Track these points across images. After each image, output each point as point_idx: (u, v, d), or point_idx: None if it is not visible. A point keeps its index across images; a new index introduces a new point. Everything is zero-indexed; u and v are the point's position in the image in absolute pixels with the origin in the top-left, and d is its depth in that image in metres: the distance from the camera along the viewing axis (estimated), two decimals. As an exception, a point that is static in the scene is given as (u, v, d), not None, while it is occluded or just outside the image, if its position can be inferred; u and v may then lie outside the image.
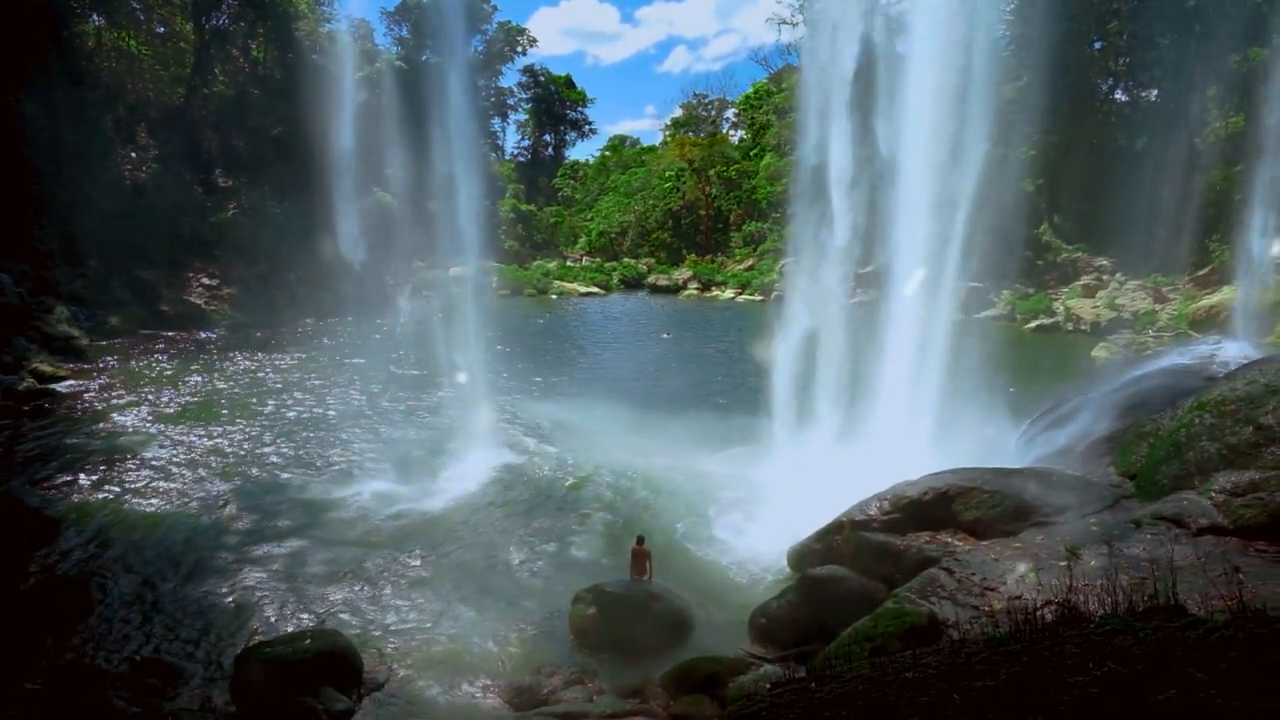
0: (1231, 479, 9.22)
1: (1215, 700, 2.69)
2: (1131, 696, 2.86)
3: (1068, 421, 14.90)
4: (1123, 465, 11.69)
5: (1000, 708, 3.04)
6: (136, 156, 42.61)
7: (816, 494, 13.62)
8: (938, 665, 3.76)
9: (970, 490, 11.23)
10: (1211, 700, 2.70)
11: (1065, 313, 40.08)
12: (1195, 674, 2.89)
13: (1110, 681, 3.02)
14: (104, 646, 9.90)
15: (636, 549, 11.84)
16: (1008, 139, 36.61)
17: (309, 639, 9.26)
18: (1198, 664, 2.98)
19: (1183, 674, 2.91)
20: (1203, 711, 2.66)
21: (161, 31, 46.59)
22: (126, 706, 7.80)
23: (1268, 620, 3.40)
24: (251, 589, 11.72)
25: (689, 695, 8.77)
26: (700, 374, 30.14)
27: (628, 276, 67.85)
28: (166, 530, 13.70)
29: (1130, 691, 2.90)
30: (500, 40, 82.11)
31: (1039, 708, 2.95)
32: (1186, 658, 3.07)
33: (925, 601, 8.88)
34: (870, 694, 3.55)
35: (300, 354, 31.63)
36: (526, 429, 21.37)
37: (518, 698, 9.21)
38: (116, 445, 18.28)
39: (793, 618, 10.10)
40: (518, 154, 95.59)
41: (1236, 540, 8.65)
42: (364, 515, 15.00)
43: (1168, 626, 3.57)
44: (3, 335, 25.40)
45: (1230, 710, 2.61)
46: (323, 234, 44.27)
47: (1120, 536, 9.27)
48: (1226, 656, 3.02)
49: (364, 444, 19.62)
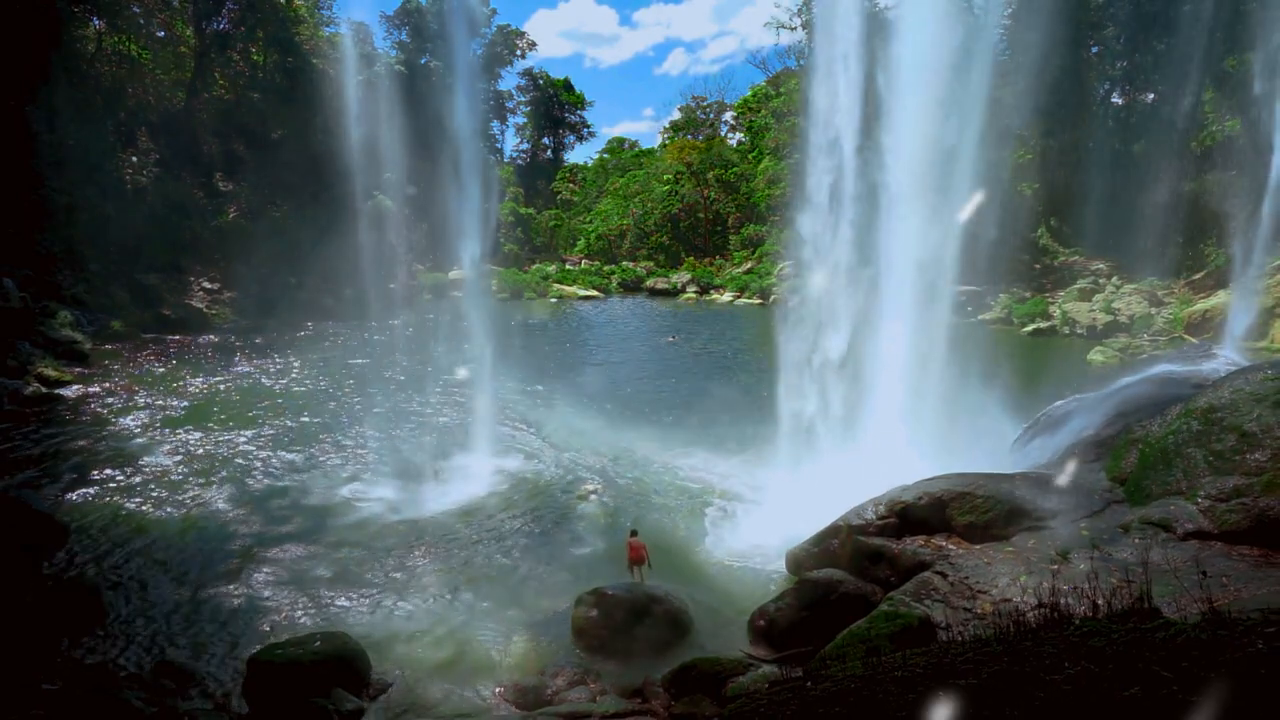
0: (1217, 485, 9.47)
1: (1176, 696, 2.94)
2: (1101, 693, 3.11)
3: (1061, 426, 15.13)
4: (1113, 471, 11.93)
5: (981, 704, 3.28)
6: (137, 160, 42.82)
7: (814, 498, 13.88)
8: (925, 665, 4.00)
9: (964, 495, 11.46)
10: (1173, 696, 2.94)
11: (1062, 316, 40.33)
12: (1160, 672, 3.14)
13: (1083, 679, 3.27)
14: (118, 648, 10.11)
15: (631, 541, 12.48)
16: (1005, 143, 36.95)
17: (319, 641, 9.47)
18: (1163, 663, 3.23)
19: (1149, 672, 3.16)
20: (1165, 706, 2.90)
21: (162, 36, 46.75)
22: (144, 707, 8.01)
23: (1232, 622, 3.65)
24: (260, 592, 11.94)
25: (689, 695, 8.98)
26: (701, 376, 30.37)
27: (626, 280, 68.06)
28: (175, 534, 13.91)
29: (1100, 688, 3.15)
30: (499, 43, 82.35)
31: (1017, 703, 3.19)
32: (1153, 657, 3.32)
33: (919, 604, 9.11)
34: (862, 692, 3.79)
35: (301, 357, 31.82)
36: (529, 432, 21.60)
37: (522, 698, 9.42)
38: (123, 449, 18.50)
39: (790, 620, 10.31)
40: (516, 157, 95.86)
41: (1221, 545, 8.90)
42: (369, 519, 15.21)
43: (1140, 628, 3.81)
44: (7, 339, 25.58)
45: (1189, 705, 2.85)
46: (323, 237, 44.44)
47: (1109, 541, 9.51)
48: (1189, 656, 3.26)
49: (366, 447, 19.82)
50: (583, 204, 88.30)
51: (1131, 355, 31.00)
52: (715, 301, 60.99)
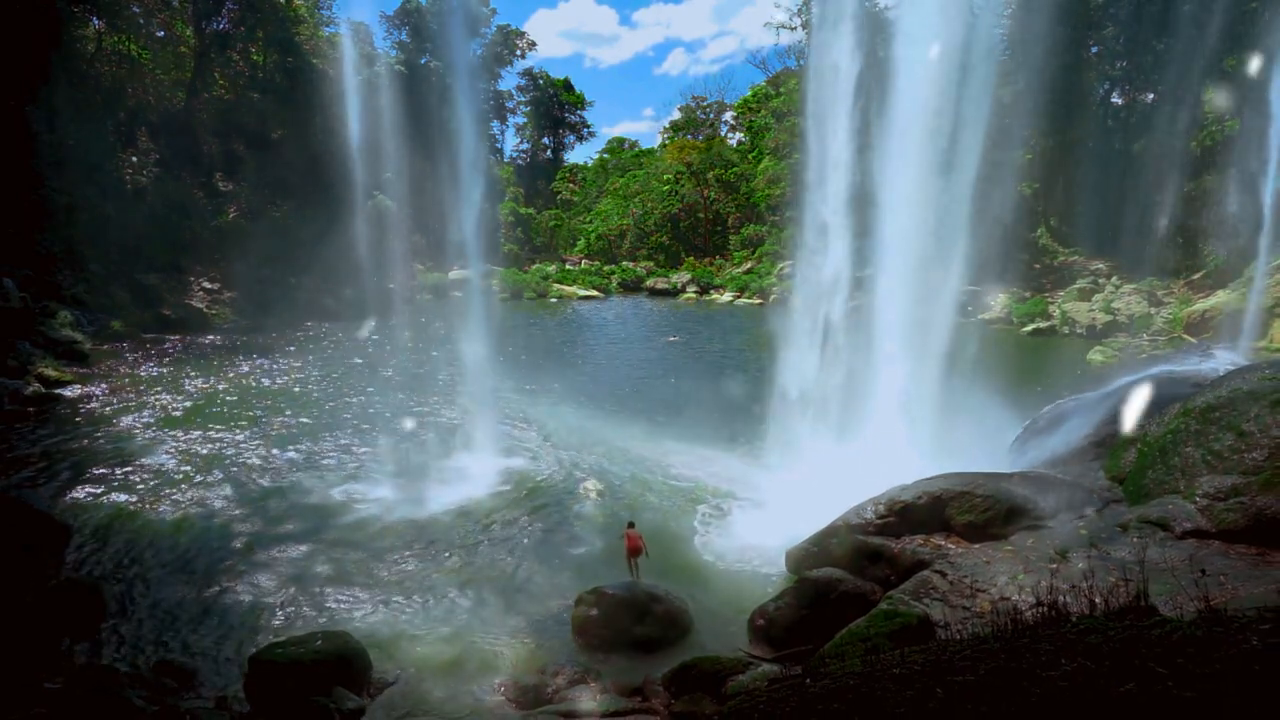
0: (1214, 484, 9.50)
1: (1171, 691, 2.97)
2: (1097, 689, 3.13)
3: (1060, 426, 15.18)
4: (1112, 470, 11.96)
5: (978, 700, 3.31)
6: (137, 160, 42.84)
7: (814, 498, 13.90)
8: (923, 662, 4.03)
9: (963, 494, 11.49)
10: (1168, 691, 2.97)
11: (1061, 316, 40.35)
12: (1155, 668, 3.16)
13: (1079, 676, 3.29)
14: (120, 648, 10.15)
15: (629, 533, 12.68)
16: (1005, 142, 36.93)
17: (319, 640, 9.50)
18: (1158, 659, 3.25)
19: (1144, 668, 3.18)
20: (1159, 702, 2.93)
21: (161, 36, 46.77)
22: (145, 705, 8.04)
23: (1226, 619, 3.68)
24: (261, 591, 11.97)
25: (689, 694, 9.01)
26: (700, 375, 30.38)
27: (626, 280, 68.11)
28: (176, 533, 13.94)
29: (1096, 685, 3.17)
30: (499, 43, 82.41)
31: (1013, 699, 3.22)
32: (1149, 654, 3.34)
33: (918, 603, 9.14)
34: (860, 689, 3.81)
35: (301, 357, 31.87)
36: (529, 432, 21.63)
37: (523, 697, 9.45)
38: (123, 449, 18.52)
39: (790, 619, 10.33)
40: (517, 157, 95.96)
41: (1219, 543, 8.93)
42: (368, 518, 15.24)
43: (1136, 626, 3.84)
44: (7, 339, 25.60)
45: (1183, 700, 2.88)
46: (323, 238, 44.46)
47: (1108, 540, 9.55)
48: (1184, 652, 3.29)
49: (366, 447, 19.85)
50: (583, 204, 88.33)
51: (1131, 355, 31.02)
52: (715, 301, 61.04)
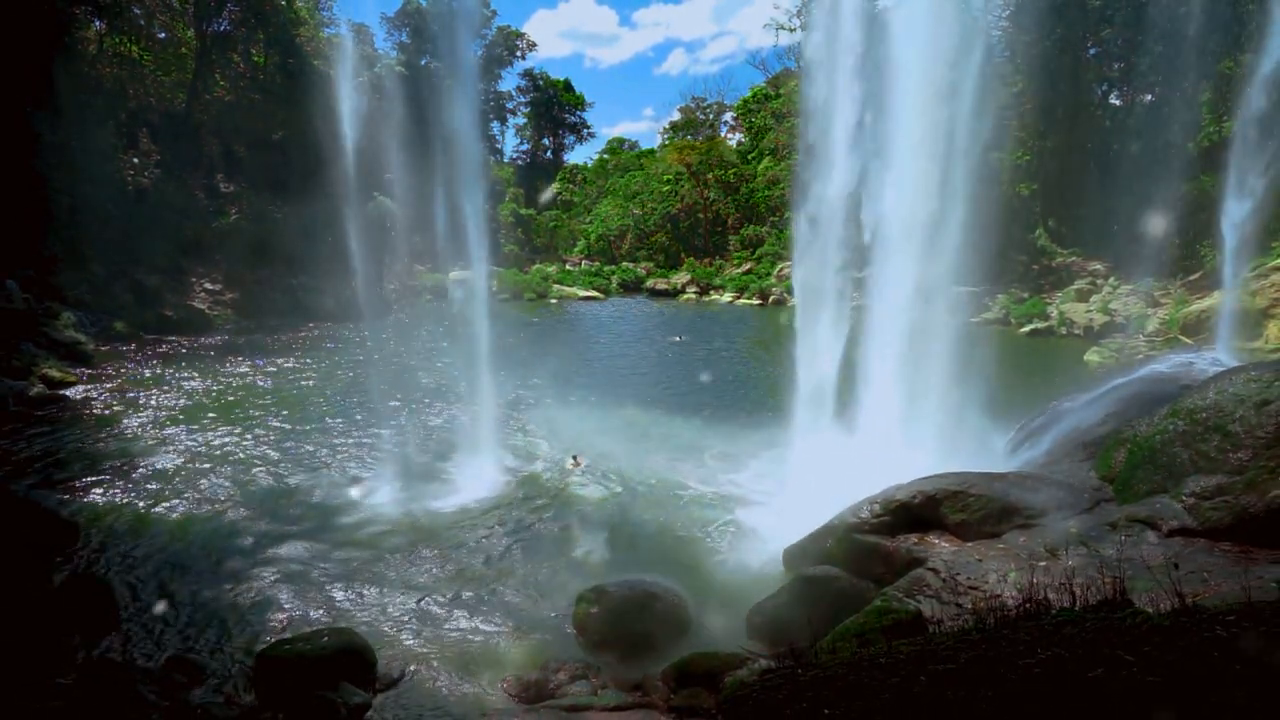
0: (1201, 483, 9.71)
1: (1136, 676, 3.18)
2: (1068, 674, 3.35)
3: (1054, 426, 15.39)
4: (1103, 469, 12.17)
5: (958, 686, 3.52)
6: (139, 161, 42.99)
7: (812, 497, 14.11)
8: (909, 652, 4.24)
9: (958, 493, 11.69)
10: (1133, 676, 3.19)
11: (1059, 317, 40.60)
12: (1123, 656, 3.38)
13: (1052, 663, 3.51)
14: (130, 644, 10.34)
15: None
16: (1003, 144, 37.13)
17: (326, 636, 9.69)
18: (1127, 647, 3.47)
19: (1113, 656, 3.40)
20: (1124, 685, 3.14)
21: (162, 37, 46.96)
22: (157, 700, 8.23)
23: (1195, 611, 3.89)
24: (267, 589, 12.17)
25: (688, 688, 9.22)
26: (698, 375, 30.60)
27: (626, 280, 68.36)
28: (183, 533, 14.15)
29: (1068, 670, 3.39)
30: (499, 44, 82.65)
31: (991, 684, 3.43)
32: (1119, 642, 3.56)
33: (912, 600, 9.34)
34: (849, 676, 4.03)
35: (303, 358, 32.06)
36: (529, 432, 21.83)
37: (525, 691, 9.66)
38: (128, 449, 18.73)
39: (787, 616, 10.51)
40: (517, 158, 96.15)
41: (1204, 541, 9.14)
42: (372, 517, 15.44)
43: (1110, 617, 4.05)
44: (10, 341, 25.80)
45: (1145, 684, 3.10)
46: (324, 238, 44.65)
47: (1097, 538, 9.75)
48: (1152, 641, 3.51)
49: (369, 447, 20.06)
50: (583, 205, 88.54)
51: (1128, 356, 31.23)
52: (715, 302, 61.29)
